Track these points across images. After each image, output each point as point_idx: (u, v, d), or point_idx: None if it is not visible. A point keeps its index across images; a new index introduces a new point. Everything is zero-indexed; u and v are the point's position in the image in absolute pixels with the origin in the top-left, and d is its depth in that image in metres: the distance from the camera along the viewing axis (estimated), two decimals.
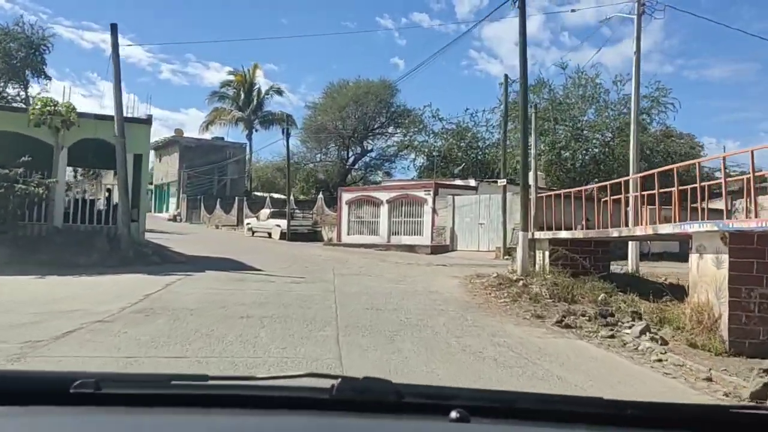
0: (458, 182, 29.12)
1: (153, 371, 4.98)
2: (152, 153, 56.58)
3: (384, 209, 28.51)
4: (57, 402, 1.27)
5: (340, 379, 1.34)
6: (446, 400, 1.33)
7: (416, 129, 46.19)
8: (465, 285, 13.18)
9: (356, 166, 53.10)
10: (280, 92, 56.18)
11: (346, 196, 30.18)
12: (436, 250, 25.29)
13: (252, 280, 12.70)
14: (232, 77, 54.14)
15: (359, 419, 1.31)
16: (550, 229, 16.15)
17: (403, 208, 27.91)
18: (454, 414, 1.26)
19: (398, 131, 51.45)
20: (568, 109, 38.46)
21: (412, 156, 46.82)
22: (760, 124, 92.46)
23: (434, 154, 43.61)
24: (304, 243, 29.93)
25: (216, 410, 1.31)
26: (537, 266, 14.43)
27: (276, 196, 43.91)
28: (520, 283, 12.68)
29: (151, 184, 58.55)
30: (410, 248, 25.84)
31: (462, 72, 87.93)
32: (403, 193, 27.90)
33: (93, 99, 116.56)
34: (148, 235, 18.96)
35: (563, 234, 13.48)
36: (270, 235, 32.56)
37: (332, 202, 38.05)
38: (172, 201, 49.68)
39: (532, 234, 14.57)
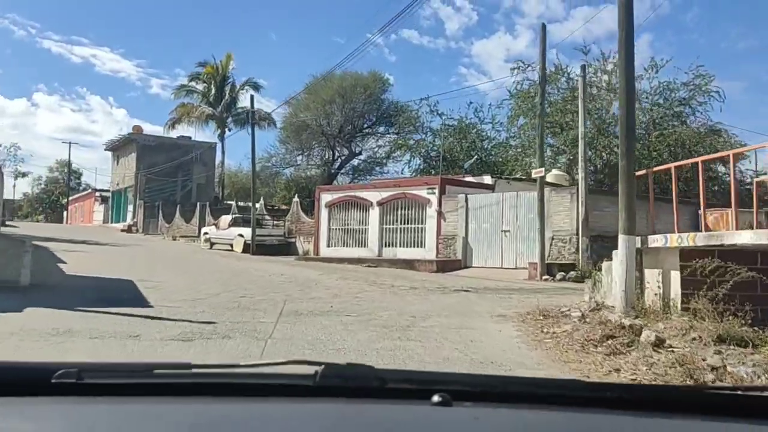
0: (469, 179, 22.64)
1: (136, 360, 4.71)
2: (109, 155, 49.90)
3: (374, 214, 22.00)
4: (39, 392, 1.25)
5: (323, 366, 1.32)
6: (429, 385, 1.33)
7: (411, 127, 39.81)
8: (533, 337, 6.65)
9: (343, 170, 46.55)
10: (257, 87, 49.45)
11: (325, 198, 23.66)
12: (444, 266, 18.77)
13: (87, 334, 6.08)
14: (201, 69, 47.59)
15: (343, 405, 1.30)
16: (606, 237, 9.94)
17: (400, 211, 21.40)
18: (436, 398, 1.26)
19: (391, 131, 45.19)
20: (592, 100, 32.32)
21: (407, 157, 40.36)
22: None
23: (431, 154, 37.27)
24: (272, 257, 23.38)
25: (200, 398, 1.30)
26: (649, 296, 7.94)
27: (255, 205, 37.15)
28: (651, 337, 6.17)
29: (107, 191, 51.88)
30: (408, 264, 19.32)
31: (451, 88, 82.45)
32: (399, 193, 21.40)
33: (82, 113, 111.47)
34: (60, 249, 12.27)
35: (744, 237, 6.75)
36: (232, 247, 25.97)
37: (312, 207, 31.58)
38: (130, 209, 42.93)
39: (642, 241, 8.08)
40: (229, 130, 47.93)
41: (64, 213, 64.20)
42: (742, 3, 63.84)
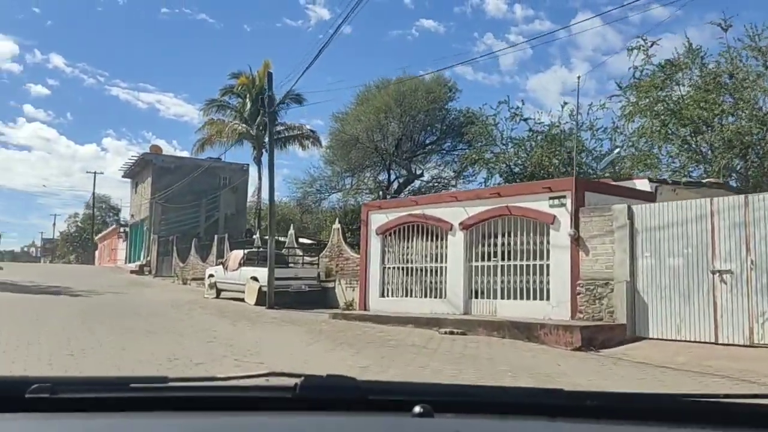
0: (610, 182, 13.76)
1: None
2: (128, 183, 43.27)
3: (456, 243, 13.43)
4: (11, 408, 1.21)
5: (303, 378, 1.30)
6: (410, 396, 1.31)
7: (488, 137, 31.06)
8: None
9: (401, 196, 38.03)
10: (299, 100, 42.03)
11: (377, 220, 15.25)
12: (593, 336, 9.97)
13: None
14: (235, 81, 40.60)
15: (323, 417, 1.28)
16: None
17: (501, 238, 12.75)
18: (417, 409, 1.24)
19: (459, 147, 36.67)
20: (741, 89, 22.96)
21: (483, 175, 31.37)
22: None
23: (515, 170, 28.36)
24: (297, 314, 15.11)
25: (177, 413, 1.27)
26: None
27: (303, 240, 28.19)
28: None
29: (125, 225, 45.19)
30: (522, 330, 10.65)
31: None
32: (499, 207, 12.77)
33: None
34: None
35: None
36: (244, 295, 17.83)
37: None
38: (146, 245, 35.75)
39: None
40: (266, 150, 40.48)
41: (96, 252, 58.34)
42: None
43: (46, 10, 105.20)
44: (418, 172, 38.16)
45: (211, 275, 20.10)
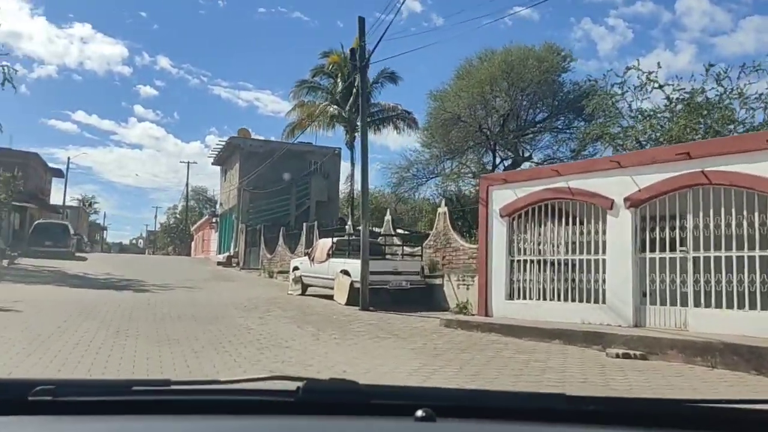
0: None
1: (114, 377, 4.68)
2: (218, 170, 41.75)
3: (621, 226, 9.59)
4: (14, 410, 1.20)
5: (305, 381, 1.29)
6: (412, 400, 1.29)
7: (612, 110, 26.33)
8: None
9: None
10: (393, 78, 38.82)
11: (502, 198, 11.58)
12: None
13: None
14: (325, 61, 37.90)
15: (325, 421, 1.28)
16: None
17: (693, 219, 8.78)
18: (419, 413, 1.22)
19: (576, 124, 32.03)
20: None
21: (609, 153, 26.56)
22: None
23: (647, 146, 23.55)
24: (398, 318, 11.85)
25: (180, 416, 1.26)
26: None
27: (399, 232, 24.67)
28: None
29: (215, 215, 43.74)
30: (747, 356, 6.75)
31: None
32: (689, 174, 8.78)
33: None
34: None
35: None
36: (333, 292, 14.78)
37: (468, 223, 19.60)
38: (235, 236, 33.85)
39: None
40: (360, 133, 37.51)
41: (192, 243, 58.21)
42: None
43: (152, 14, 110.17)
44: (526, 153, 33.91)
45: (295, 268, 17.20)
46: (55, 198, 50.02)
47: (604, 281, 9.80)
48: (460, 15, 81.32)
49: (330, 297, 15.15)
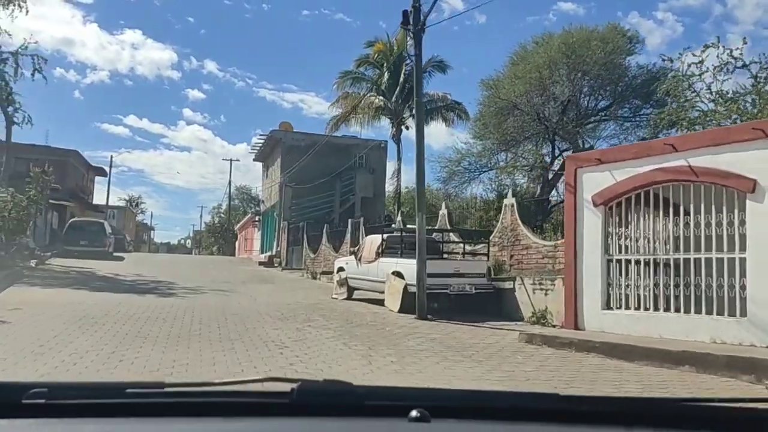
0: None
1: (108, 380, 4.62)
2: (259, 166, 40.24)
3: (766, 215, 7.20)
4: (8, 414, 1.20)
5: (300, 383, 1.28)
6: (407, 401, 1.29)
7: (688, 93, 23.41)
8: None
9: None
10: (442, 67, 36.50)
11: (595, 183, 9.29)
12: None
13: None
14: (370, 50, 35.96)
15: (320, 422, 1.27)
16: None
17: None
18: (414, 413, 1.22)
19: (644, 109, 29.13)
20: None
21: None
22: None
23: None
24: (466, 330, 9.71)
25: (174, 419, 1.25)
26: None
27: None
28: None
29: (258, 213, 42.21)
30: None
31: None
32: None
33: None
34: None
35: None
36: (384, 297, 12.75)
37: (533, 215, 17.33)
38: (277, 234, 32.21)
39: None
40: (407, 128, 35.51)
41: (236, 243, 57.25)
42: None
43: (199, 19, 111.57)
44: (587, 144, 31.13)
45: (340, 269, 15.21)
46: (101, 197, 49.68)
47: (743, 287, 7.44)
48: (501, 11, 78.96)
49: (379, 302, 13.13)
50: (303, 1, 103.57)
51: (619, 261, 8.99)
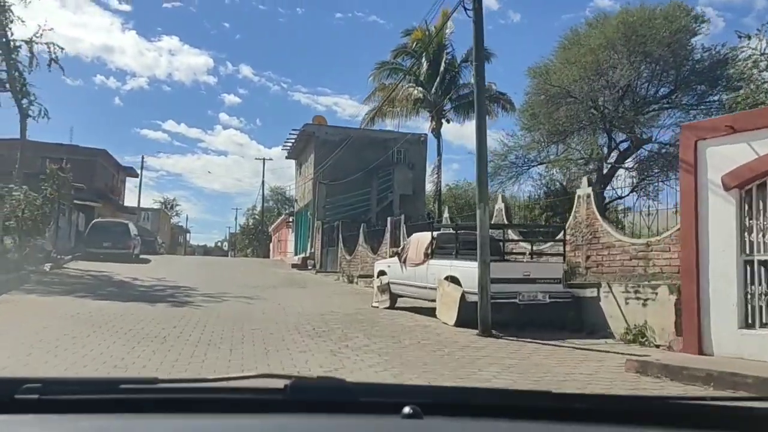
0: None
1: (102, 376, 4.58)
2: (292, 163, 38.47)
3: None
4: (1, 409, 1.18)
5: (293, 379, 1.29)
6: (399, 398, 1.29)
7: (757, 78, 20.62)
8: None
9: (625, 164, 28.29)
10: (485, 56, 34.27)
11: (724, 159, 6.98)
12: None
13: None
14: (407, 40, 33.90)
15: (313, 419, 1.25)
16: None
17: None
18: (406, 410, 1.22)
19: (710, 95, 26.27)
20: None
21: None
22: None
23: None
24: (545, 351, 7.49)
25: (167, 415, 1.24)
26: None
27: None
28: None
29: (291, 213, 40.46)
30: None
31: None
32: None
33: None
34: None
35: None
36: (436, 306, 10.58)
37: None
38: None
39: None
40: (447, 121, 33.30)
41: (270, 244, 55.88)
42: None
43: (235, 24, 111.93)
44: (645, 136, 28.35)
45: (381, 272, 13.09)
46: (134, 199, 48.78)
47: None
48: (535, 9, 76.36)
49: (428, 311, 10.99)
50: (336, 4, 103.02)
51: (763, 263, 6.66)
